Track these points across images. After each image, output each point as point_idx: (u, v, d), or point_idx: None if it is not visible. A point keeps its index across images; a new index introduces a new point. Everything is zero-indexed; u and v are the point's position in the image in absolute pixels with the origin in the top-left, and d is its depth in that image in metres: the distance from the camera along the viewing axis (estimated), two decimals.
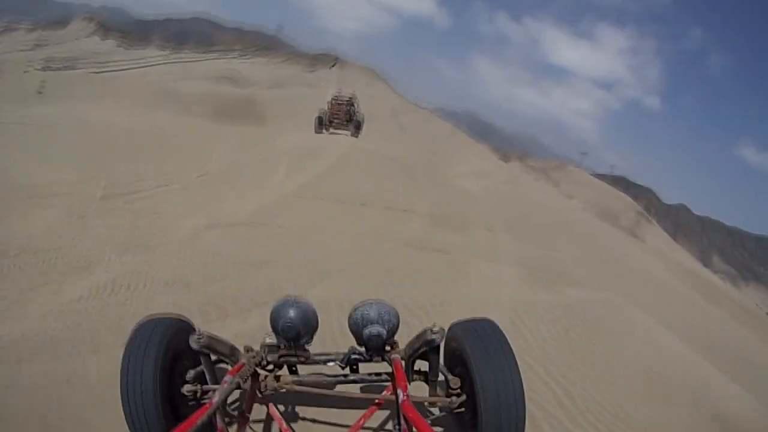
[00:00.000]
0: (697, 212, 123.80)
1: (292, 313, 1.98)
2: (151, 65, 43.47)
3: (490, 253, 5.60)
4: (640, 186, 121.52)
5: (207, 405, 1.57)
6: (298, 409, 2.31)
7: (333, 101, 13.24)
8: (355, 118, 12.86)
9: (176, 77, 33.59)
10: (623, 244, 13.54)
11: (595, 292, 5.23)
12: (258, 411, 2.11)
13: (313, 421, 2.26)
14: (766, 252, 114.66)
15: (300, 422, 2.25)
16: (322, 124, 12.26)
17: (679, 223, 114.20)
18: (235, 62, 56.79)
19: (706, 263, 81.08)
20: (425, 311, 3.48)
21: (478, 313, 2.13)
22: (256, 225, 4.81)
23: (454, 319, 2.04)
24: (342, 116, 12.49)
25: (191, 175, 6.33)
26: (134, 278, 3.33)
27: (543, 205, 14.22)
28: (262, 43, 77.67)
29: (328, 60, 64.99)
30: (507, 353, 1.82)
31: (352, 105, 13.37)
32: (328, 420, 2.26)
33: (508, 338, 1.89)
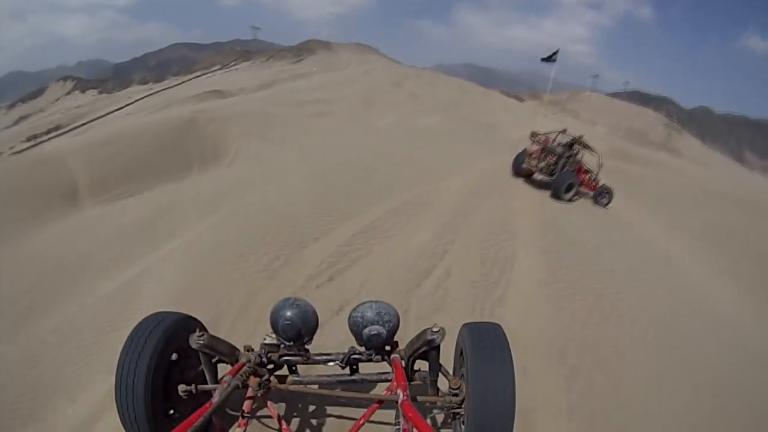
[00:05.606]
0: (718, 112, 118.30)
1: (291, 313, 1.98)
2: (134, 101, 41.73)
3: None
4: (656, 97, 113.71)
5: (206, 405, 1.56)
6: (298, 408, 2.24)
7: (536, 141, 8.99)
8: (569, 168, 8.49)
9: (157, 107, 31.07)
10: None
11: None
12: (258, 411, 2.08)
13: (313, 421, 2.16)
14: None
15: (300, 422, 2.16)
16: (519, 164, 8.86)
17: (703, 126, 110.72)
18: (219, 74, 55.19)
19: (741, 162, 73.75)
20: None
21: None
22: None
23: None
24: (544, 165, 8.56)
25: None
26: None
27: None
28: (242, 49, 74.96)
29: (314, 47, 61.69)
30: (504, 357, 1.74)
31: (568, 154, 8.65)
32: (328, 420, 2.16)
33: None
